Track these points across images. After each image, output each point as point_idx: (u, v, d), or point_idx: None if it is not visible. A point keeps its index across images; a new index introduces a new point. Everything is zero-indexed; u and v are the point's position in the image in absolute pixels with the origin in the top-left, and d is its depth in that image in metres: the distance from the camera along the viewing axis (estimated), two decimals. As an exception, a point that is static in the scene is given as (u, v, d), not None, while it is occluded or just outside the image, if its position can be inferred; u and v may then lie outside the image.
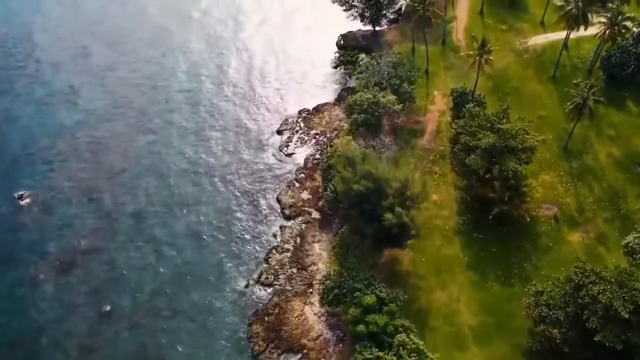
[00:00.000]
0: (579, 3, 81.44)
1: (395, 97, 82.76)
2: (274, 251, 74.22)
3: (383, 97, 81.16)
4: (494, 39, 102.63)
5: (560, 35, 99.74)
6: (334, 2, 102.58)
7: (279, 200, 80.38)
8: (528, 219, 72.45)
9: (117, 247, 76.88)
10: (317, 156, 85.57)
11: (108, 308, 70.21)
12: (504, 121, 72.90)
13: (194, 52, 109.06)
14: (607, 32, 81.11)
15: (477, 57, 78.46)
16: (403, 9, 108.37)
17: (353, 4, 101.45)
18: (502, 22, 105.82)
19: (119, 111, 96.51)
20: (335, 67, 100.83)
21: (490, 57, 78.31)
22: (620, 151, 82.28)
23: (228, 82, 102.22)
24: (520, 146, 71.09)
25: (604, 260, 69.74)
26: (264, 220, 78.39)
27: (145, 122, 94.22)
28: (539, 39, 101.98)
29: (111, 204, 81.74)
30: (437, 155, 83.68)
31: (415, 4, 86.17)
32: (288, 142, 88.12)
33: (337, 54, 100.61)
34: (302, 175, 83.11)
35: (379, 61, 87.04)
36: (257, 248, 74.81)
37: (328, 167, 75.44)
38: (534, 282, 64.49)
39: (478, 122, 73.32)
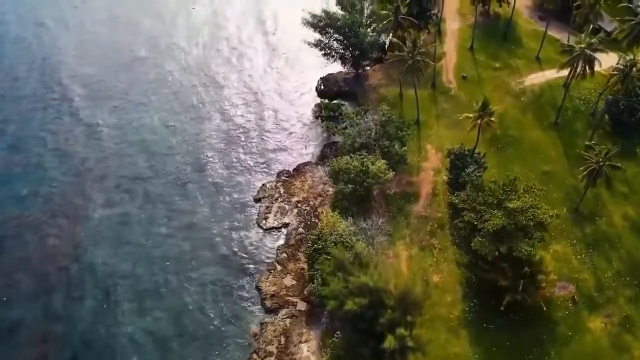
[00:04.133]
0: (586, 50, 72.90)
1: (385, 161, 73.34)
2: (255, 356, 63.99)
3: (372, 163, 71.69)
4: (487, 78, 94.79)
5: (559, 72, 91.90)
6: (311, 47, 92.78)
7: (258, 289, 70.19)
8: (543, 306, 63.54)
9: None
10: (301, 230, 75.64)
11: None
12: (513, 196, 63.76)
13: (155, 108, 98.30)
14: (616, 80, 72.73)
15: (478, 121, 69.16)
16: (387, 44, 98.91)
17: (332, 47, 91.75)
18: (494, 59, 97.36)
19: (80, 176, 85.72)
20: (316, 118, 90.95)
21: (492, 119, 69.25)
22: (636, 211, 74.26)
23: (198, 144, 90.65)
24: (531, 223, 62.26)
25: (631, 351, 61.70)
26: (242, 316, 67.97)
27: (107, 192, 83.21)
28: (536, 78, 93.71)
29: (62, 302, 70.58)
30: (435, 225, 74.44)
31: (404, 54, 76.77)
32: (267, 214, 77.89)
33: (316, 107, 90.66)
34: (284, 255, 73.04)
35: (365, 119, 77.43)
36: (236, 354, 64.48)
37: (314, 251, 65.64)
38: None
39: (483, 198, 64.20)
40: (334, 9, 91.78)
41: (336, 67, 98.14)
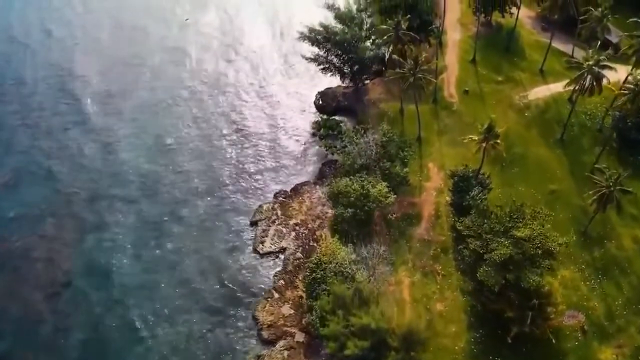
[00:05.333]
0: (594, 67, 70.23)
1: (386, 184, 70.57)
2: (251, 395, 61.29)
3: (373, 186, 68.92)
4: (489, 92, 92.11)
5: (564, 85, 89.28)
6: (309, 62, 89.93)
7: (255, 318, 67.34)
8: (552, 339, 60.84)
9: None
10: (299, 255, 72.85)
11: None
12: (520, 223, 61.02)
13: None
14: (626, 100, 70.05)
15: (483, 144, 66.37)
16: (386, 56, 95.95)
17: (331, 61, 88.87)
18: (497, 72, 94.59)
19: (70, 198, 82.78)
20: (314, 135, 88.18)
21: (498, 141, 66.49)
22: (646, 234, 71.71)
23: (191, 163, 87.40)
24: (539, 251, 59.55)
25: (643, 384, 59.16)
26: (238, 348, 64.93)
27: (98, 215, 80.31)
28: (540, 91, 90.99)
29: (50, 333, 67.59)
30: (438, 249, 71.69)
31: (405, 71, 74.00)
32: (263, 237, 75.02)
33: (314, 124, 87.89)
34: (282, 281, 70.25)
35: (365, 138, 74.65)
36: (231, 394, 61.90)
37: (312, 280, 62.90)
38: None
39: (489, 226, 61.44)
40: (333, 22, 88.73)
41: (335, 81, 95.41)
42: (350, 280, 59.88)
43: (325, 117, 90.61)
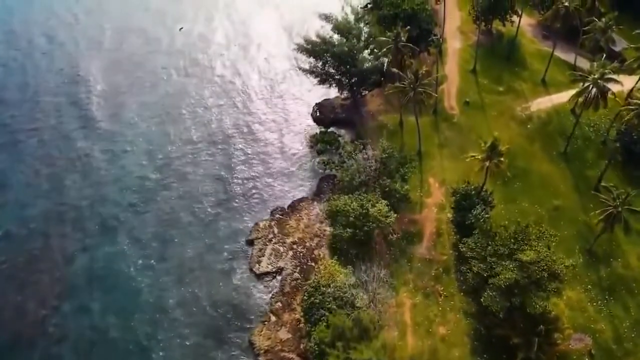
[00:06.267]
0: (599, 81, 68.27)
1: (386, 202, 68.46)
2: None
3: (372, 205, 66.80)
4: (490, 103, 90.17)
5: (566, 96, 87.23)
6: (306, 74, 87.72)
7: (251, 343, 65.07)
8: (559, 362, 59.04)
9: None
10: (296, 275, 70.65)
11: None
12: (525, 245, 58.98)
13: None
14: (633, 115, 68.03)
15: (486, 162, 64.27)
16: (385, 67, 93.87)
17: (328, 73, 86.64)
18: (498, 82, 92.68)
19: (60, 215, 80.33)
20: (311, 148, 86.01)
21: (501, 159, 64.42)
22: (653, 252, 69.81)
23: (185, 179, 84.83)
24: (545, 274, 57.54)
25: (653, 412, 57.25)
26: (234, 375, 63.12)
27: (89, 234, 77.95)
28: (543, 103, 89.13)
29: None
30: (440, 269, 69.61)
31: (405, 85, 71.90)
32: (260, 257, 72.79)
33: (311, 138, 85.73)
34: (279, 304, 68.03)
35: (365, 154, 72.53)
36: None
37: (310, 304, 60.70)
38: None
39: (493, 248, 59.41)
40: (330, 33, 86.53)
41: (332, 92, 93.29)
42: (349, 306, 57.78)
43: (322, 129, 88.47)
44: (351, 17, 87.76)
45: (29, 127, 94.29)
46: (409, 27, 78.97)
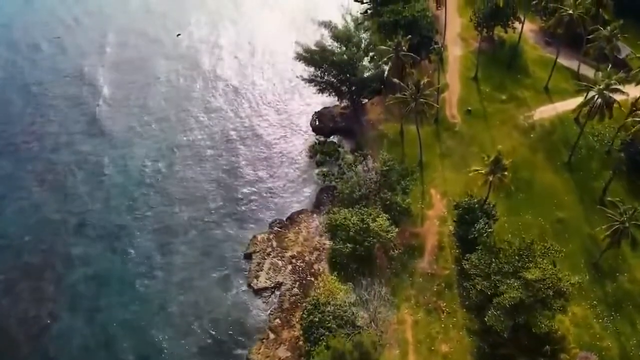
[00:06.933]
0: (605, 92, 66.81)
1: (387, 216, 66.97)
2: None
3: (373, 219, 65.30)
4: (493, 112, 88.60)
5: (569, 104, 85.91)
6: (305, 83, 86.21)
7: (249, 363, 63.78)
8: (565, 383, 57.48)
9: None
10: (295, 291, 69.17)
11: None
12: (529, 263, 57.49)
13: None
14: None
15: (490, 177, 62.75)
16: (385, 74, 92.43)
17: (328, 81, 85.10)
18: (500, 90, 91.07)
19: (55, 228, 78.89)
20: (311, 158, 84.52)
21: (505, 173, 62.91)
22: (659, 266, 68.32)
23: (182, 190, 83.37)
24: (551, 293, 56.07)
25: None
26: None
27: (84, 247, 76.44)
28: (546, 111, 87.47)
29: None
30: (442, 284, 68.13)
31: (406, 96, 70.41)
32: (258, 272, 71.30)
33: (310, 148, 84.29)
34: (278, 320, 66.55)
35: (365, 167, 71.04)
36: None
37: (310, 323, 59.19)
38: None
39: (497, 265, 57.93)
40: (329, 41, 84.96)
41: (332, 101, 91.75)
42: (350, 326, 56.32)
43: (322, 138, 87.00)
44: (351, 25, 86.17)
45: (28, 133, 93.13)
46: (410, 36, 77.30)
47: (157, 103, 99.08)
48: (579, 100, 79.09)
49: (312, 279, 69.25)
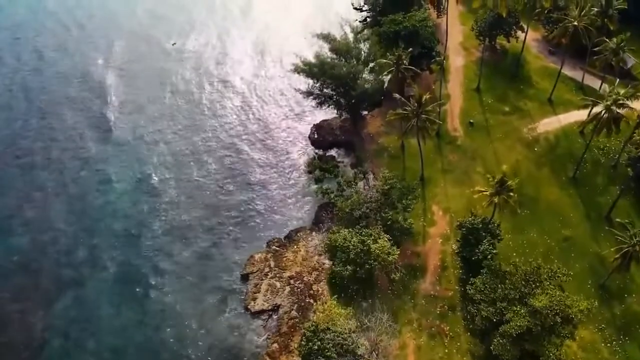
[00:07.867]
0: (612, 107, 64.74)
1: (388, 236, 64.80)
2: None
3: (374, 241, 63.15)
4: (496, 124, 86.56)
5: (574, 116, 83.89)
6: (303, 96, 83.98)
7: (246, 391, 61.63)
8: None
9: None
10: (294, 313, 66.90)
11: None
12: (536, 288, 55.40)
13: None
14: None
15: (495, 198, 60.60)
16: (385, 85, 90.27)
17: (327, 94, 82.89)
18: (503, 101, 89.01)
19: (45, 248, 76.48)
20: (309, 173, 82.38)
21: (511, 194, 60.75)
22: (669, 287, 66.24)
23: (176, 208, 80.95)
24: (559, 320, 54.02)
25: None
26: None
27: (75, 269, 74.08)
28: (550, 123, 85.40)
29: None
30: (445, 306, 65.93)
31: (407, 112, 68.24)
32: (255, 294, 68.98)
33: (308, 163, 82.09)
34: (275, 345, 64.25)
35: (366, 185, 68.86)
36: None
37: (309, 350, 56.97)
38: None
39: (503, 291, 55.81)
40: (328, 53, 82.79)
41: (331, 114, 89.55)
42: (350, 355, 54.19)
43: (320, 152, 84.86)
44: (350, 36, 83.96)
45: (16, 151, 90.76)
46: (410, 48, 75.15)
47: (150, 117, 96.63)
48: (584, 112, 77.43)
49: (311, 300, 67.01)
